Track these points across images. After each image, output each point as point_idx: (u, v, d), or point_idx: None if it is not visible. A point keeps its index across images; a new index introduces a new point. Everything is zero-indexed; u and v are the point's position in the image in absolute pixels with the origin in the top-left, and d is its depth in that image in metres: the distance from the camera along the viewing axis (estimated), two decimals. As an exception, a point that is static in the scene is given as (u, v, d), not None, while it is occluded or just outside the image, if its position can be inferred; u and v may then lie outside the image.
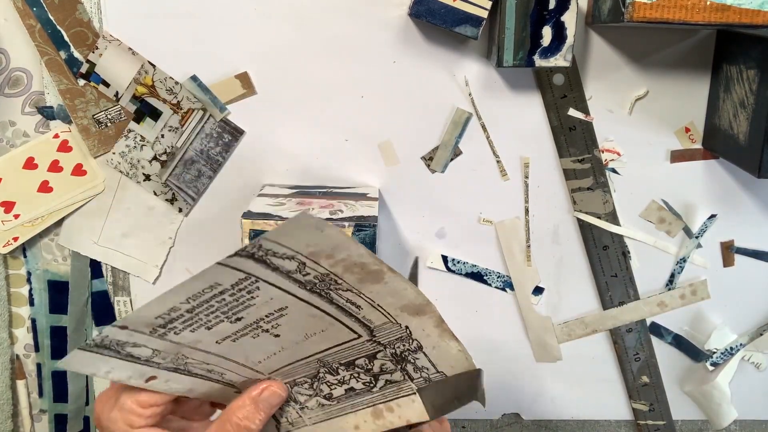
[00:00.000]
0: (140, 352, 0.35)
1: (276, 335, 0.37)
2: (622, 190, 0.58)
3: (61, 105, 0.55)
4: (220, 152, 0.57)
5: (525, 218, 0.59)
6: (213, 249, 0.59)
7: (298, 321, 0.36)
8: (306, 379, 0.40)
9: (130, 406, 0.36)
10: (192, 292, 0.33)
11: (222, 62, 0.54)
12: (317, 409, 0.41)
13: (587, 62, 0.54)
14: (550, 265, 0.60)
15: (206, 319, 0.34)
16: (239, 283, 0.33)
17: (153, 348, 0.35)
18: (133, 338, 0.34)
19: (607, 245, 0.59)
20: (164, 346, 0.35)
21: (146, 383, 0.36)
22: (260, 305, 0.34)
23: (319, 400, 0.41)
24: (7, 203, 0.57)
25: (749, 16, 0.42)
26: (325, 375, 0.40)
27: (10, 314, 0.61)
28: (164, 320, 0.34)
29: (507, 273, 0.60)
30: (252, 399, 0.38)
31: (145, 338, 0.34)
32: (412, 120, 0.56)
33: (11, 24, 0.53)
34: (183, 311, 0.33)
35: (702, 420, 0.65)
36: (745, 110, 0.50)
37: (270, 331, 0.36)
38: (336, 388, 0.40)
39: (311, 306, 0.35)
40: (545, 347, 0.62)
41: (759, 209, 0.58)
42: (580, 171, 0.57)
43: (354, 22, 0.53)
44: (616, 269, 0.59)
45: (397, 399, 0.40)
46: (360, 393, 0.40)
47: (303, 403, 0.41)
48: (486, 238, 0.59)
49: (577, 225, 0.59)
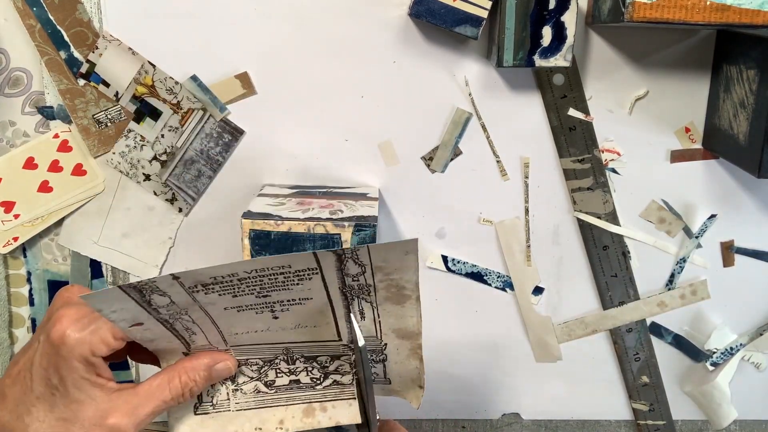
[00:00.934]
0: (159, 301, 0.35)
1: (275, 317, 0.37)
2: (622, 190, 0.58)
3: (61, 105, 0.55)
4: (220, 152, 0.57)
5: (525, 218, 0.59)
6: (213, 249, 0.59)
7: (305, 312, 0.36)
8: (259, 362, 0.40)
9: (104, 335, 0.36)
10: (263, 266, 0.33)
11: (222, 62, 0.54)
12: (250, 395, 0.41)
13: (587, 62, 0.54)
14: (550, 265, 0.60)
15: (243, 289, 0.35)
16: (304, 270, 0.33)
17: (172, 300, 0.35)
18: (171, 290, 0.34)
19: (607, 245, 0.59)
20: (184, 301, 0.35)
21: (129, 327, 0.36)
22: (296, 291, 0.35)
23: (259, 385, 0.41)
24: (7, 203, 0.57)
25: (749, 16, 0.42)
26: (280, 362, 0.40)
27: (10, 314, 0.61)
28: (212, 282, 0.34)
29: (507, 273, 0.60)
30: (207, 366, 0.39)
31: (178, 291, 0.34)
32: (412, 120, 0.56)
33: (11, 24, 0.53)
34: (236, 279, 0.34)
35: (702, 420, 0.65)
36: (745, 110, 0.50)
37: (275, 312, 0.37)
38: (283, 377, 0.41)
39: (329, 304, 0.36)
40: (545, 347, 0.62)
41: (759, 209, 0.58)
42: (580, 171, 0.57)
43: (354, 22, 0.53)
44: (616, 269, 0.59)
45: (335, 401, 0.41)
46: (303, 387, 0.41)
47: (239, 385, 0.41)
48: (486, 238, 0.59)
49: (577, 225, 0.59)
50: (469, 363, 0.62)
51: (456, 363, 0.61)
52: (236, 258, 0.59)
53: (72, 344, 0.36)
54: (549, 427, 0.65)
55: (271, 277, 0.34)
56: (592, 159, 0.57)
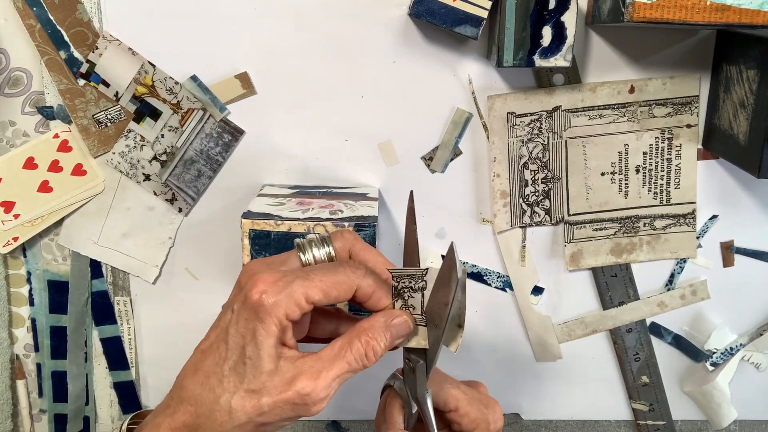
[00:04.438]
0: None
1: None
2: (622, 190, 0.58)
3: (61, 105, 0.55)
4: (220, 152, 0.57)
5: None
6: (213, 249, 0.59)
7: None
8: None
9: (298, 298, 0.37)
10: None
11: (222, 62, 0.54)
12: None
13: (587, 62, 0.54)
14: (550, 265, 0.60)
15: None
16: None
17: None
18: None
19: (607, 245, 0.59)
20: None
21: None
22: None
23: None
24: (7, 203, 0.57)
25: (749, 16, 0.42)
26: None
27: (10, 314, 0.61)
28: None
29: (506, 273, 0.60)
30: (384, 324, 0.39)
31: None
32: (412, 120, 0.56)
33: (11, 24, 0.53)
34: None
35: (702, 420, 0.65)
36: (745, 110, 0.50)
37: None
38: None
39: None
40: (545, 347, 0.62)
41: (759, 209, 0.58)
42: (580, 171, 0.57)
43: (354, 22, 0.53)
44: (616, 269, 0.59)
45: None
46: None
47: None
48: (486, 238, 0.59)
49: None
50: (469, 363, 0.62)
51: (456, 363, 0.61)
52: (236, 258, 0.59)
53: (270, 306, 0.36)
54: (549, 427, 0.65)
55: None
56: (592, 159, 0.57)
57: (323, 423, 0.66)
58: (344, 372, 0.38)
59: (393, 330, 0.39)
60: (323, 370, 0.37)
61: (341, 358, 0.38)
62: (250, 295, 0.37)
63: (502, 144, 0.56)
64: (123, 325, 0.61)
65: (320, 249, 0.41)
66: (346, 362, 0.38)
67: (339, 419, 0.65)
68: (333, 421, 0.65)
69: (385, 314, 0.40)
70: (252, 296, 0.37)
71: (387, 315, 0.40)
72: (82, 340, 0.61)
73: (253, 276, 0.38)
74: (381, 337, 0.39)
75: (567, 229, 0.58)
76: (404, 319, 0.40)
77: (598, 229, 0.57)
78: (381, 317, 0.39)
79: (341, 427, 0.66)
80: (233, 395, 0.37)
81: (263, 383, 0.36)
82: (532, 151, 0.56)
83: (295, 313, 0.37)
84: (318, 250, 0.41)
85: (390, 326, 0.39)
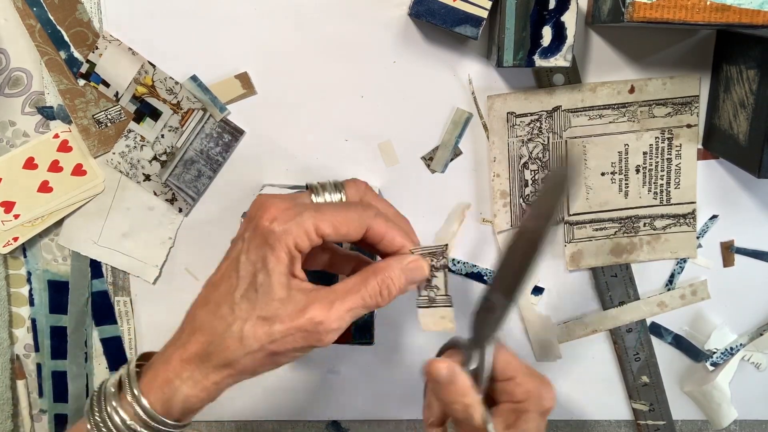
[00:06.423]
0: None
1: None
2: (622, 190, 0.58)
3: (61, 105, 0.55)
4: (220, 152, 0.57)
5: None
6: (213, 249, 0.59)
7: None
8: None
9: (308, 228, 0.37)
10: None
11: (222, 62, 0.54)
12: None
13: (587, 62, 0.54)
14: (550, 265, 0.60)
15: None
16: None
17: None
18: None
19: (607, 245, 0.59)
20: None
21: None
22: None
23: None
24: (7, 203, 0.57)
25: (749, 16, 0.42)
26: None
27: (10, 314, 0.61)
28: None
29: (507, 273, 0.60)
30: (399, 266, 0.39)
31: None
32: (412, 120, 0.56)
33: (11, 24, 0.53)
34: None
35: (702, 420, 0.65)
36: (745, 110, 0.50)
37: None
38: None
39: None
40: (545, 347, 0.62)
41: (759, 209, 0.58)
42: (580, 171, 0.57)
43: (354, 22, 0.53)
44: (616, 269, 0.59)
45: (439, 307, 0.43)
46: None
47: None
48: (486, 238, 0.59)
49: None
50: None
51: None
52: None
53: (279, 233, 0.36)
54: (549, 427, 0.65)
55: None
56: (592, 159, 0.57)
57: (323, 423, 0.66)
58: (357, 306, 0.37)
59: (408, 273, 0.39)
60: (336, 301, 0.37)
61: (356, 292, 0.37)
62: (261, 222, 0.36)
63: (502, 144, 0.56)
64: (123, 325, 0.61)
65: (332, 194, 0.41)
66: (360, 297, 0.37)
67: (339, 419, 0.65)
68: (333, 421, 0.65)
69: (403, 257, 0.40)
70: (262, 223, 0.36)
71: (404, 258, 0.40)
72: (83, 340, 0.61)
73: (263, 204, 0.37)
74: (397, 278, 0.39)
75: (567, 229, 0.58)
76: (420, 263, 0.40)
77: (598, 229, 0.57)
78: (398, 259, 0.39)
79: (341, 427, 0.66)
80: (245, 322, 0.36)
81: (275, 310, 0.36)
82: (532, 151, 0.56)
83: (304, 243, 0.36)
84: (330, 195, 0.41)
85: (406, 269, 0.39)
